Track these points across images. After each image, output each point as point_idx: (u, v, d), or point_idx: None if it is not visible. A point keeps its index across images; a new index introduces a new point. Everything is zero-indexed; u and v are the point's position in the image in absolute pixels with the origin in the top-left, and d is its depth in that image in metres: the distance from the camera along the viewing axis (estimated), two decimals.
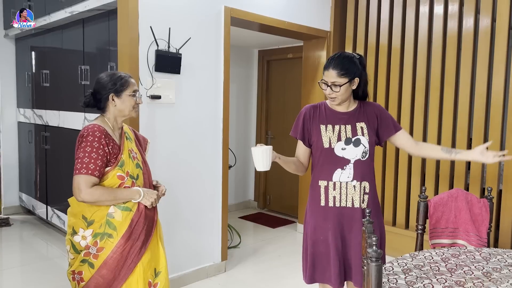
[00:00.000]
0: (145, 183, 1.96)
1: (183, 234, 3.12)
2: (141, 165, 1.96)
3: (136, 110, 1.96)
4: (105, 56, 3.34)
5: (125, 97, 1.90)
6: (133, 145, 1.97)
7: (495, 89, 3.21)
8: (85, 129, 1.82)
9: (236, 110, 5.37)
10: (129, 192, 1.85)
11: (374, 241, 1.21)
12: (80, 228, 1.83)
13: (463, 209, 2.00)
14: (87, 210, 1.83)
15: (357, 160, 1.92)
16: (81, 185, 1.76)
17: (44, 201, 4.38)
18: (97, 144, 1.78)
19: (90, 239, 1.81)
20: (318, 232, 1.97)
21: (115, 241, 1.81)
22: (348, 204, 1.93)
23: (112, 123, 1.91)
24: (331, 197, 1.94)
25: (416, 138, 3.61)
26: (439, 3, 3.47)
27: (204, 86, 3.18)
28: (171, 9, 2.92)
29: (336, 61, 1.88)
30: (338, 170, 1.93)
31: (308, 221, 2.03)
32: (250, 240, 4.28)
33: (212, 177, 3.30)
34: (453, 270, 1.59)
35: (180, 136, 3.06)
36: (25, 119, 4.72)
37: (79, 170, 1.77)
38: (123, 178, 1.85)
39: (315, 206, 1.99)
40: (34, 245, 3.98)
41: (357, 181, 1.92)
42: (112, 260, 1.80)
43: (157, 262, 1.97)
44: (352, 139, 1.93)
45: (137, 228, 1.86)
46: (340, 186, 1.93)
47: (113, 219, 1.81)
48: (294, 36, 4.09)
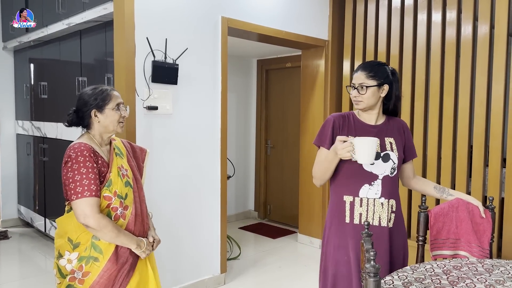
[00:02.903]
0: (135, 201, 1.85)
1: (181, 246, 3.08)
2: (131, 182, 1.85)
3: (122, 125, 1.86)
4: (102, 68, 3.33)
5: (108, 111, 1.80)
6: (124, 161, 1.87)
7: (495, 96, 3.19)
8: (72, 150, 1.72)
9: (236, 119, 5.35)
10: (131, 239, 1.77)
11: (372, 256, 1.18)
12: (66, 250, 1.74)
13: (465, 219, 1.96)
14: (73, 231, 1.74)
15: (385, 176, 1.82)
16: (87, 209, 1.66)
17: (43, 213, 4.35)
18: (90, 164, 1.70)
19: (76, 262, 1.71)
20: (341, 251, 1.82)
21: (102, 265, 1.71)
22: (375, 223, 1.81)
23: (98, 140, 1.82)
24: (357, 214, 1.81)
25: (416, 146, 3.57)
26: (437, 11, 3.46)
27: (201, 96, 3.16)
28: (168, 20, 2.92)
29: (366, 64, 1.85)
30: (365, 186, 1.81)
31: (330, 239, 1.87)
32: (250, 251, 4.23)
33: (210, 188, 3.26)
34: (455, 283, 1.55)
35: (178, 147, 3.04)
36: (23, 131, 4.71)
37: (81, 193, 1.66)
38: (110, 198, 1.75)
39: (339, 223, 1.84)
40: (33, 258, 3.94)
41: (385, 199, 1.82)
42: (99, 286, 1.71)
43: (146, 284, 1.87)
44: (381, 154, 1.83)
45: (124, 250, 1.77)
46: (367, 202, 1.81)
47: (99, 241, 1.72)
48: (292, 45, 4.08)
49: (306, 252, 4.23)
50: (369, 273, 1.17)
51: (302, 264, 3.89)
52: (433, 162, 3.50)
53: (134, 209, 1.84)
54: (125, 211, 1.81)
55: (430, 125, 3.53)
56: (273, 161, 5.39)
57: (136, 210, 1.85)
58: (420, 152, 3.58)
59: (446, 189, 2.01)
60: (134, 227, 1.83)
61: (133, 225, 1.83)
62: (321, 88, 4.18)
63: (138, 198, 1.88)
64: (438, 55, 3.47)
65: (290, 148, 5.13)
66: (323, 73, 4.16)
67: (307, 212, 4.38)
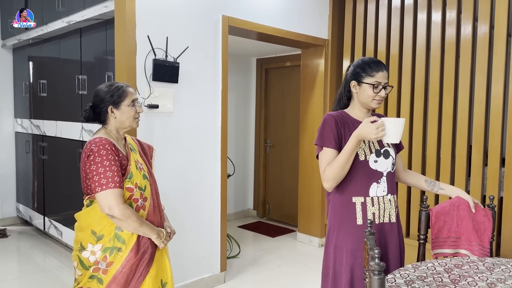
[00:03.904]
0: (152, 193, 1.93)
1: (181, 245, 3.08)
2: (148, 175, 1.93)
3: (138, 120, 1.93)
4: (102, 66, 3.33)
5: (124, 108, 1.87)
6: (138, 156, 1.95)
7: (494, 96, 3.20)
8: (93, 143, 1.77)
9: (235, 118, 5.35)
10: (152, 229, 1.84)
11: (376, 254, 1.19)
12: (88, 243, 1.79)
13: (465, 218, 1.97)
14: (96, 224, 1.79)
15: (388, 172, 1.83)
16: (112, 200, 1.71)
17: (42, 212, 4.34)
18: (112, 157, 1.75)
19: (100, 254, 1.77)
20: (356, 255, 1.77)
21: (124, 254, 1.78)
22: (386, 220, 1.81)
23: (115, 134, 1.89)
24: (370, 214, 1.79)
25: (415, 145, 3.60)
26: (437, 11, 3.47)
27: (202, 95, 3.16)
28: (169, 18, 2.92)
29: (382, 62, 1.83)
30: (374, 184, 1.80)
31: (341, 245, 1.80)
32: (249, 250, 4.24)
33: (210, 186, 3.27)
34: (457, 281, 1.56)
35: (178, 146, 3.04)
36: (22, 129, 4.70)
37: (106, 185, 1.71)
38: (132, 190, 1.82)
39: (350, 227, 1.79)
40: (32, 257, 3.93)
41: (391, 195, 1.83)
42: (122, 275, 1.77)
43: (164, 273, 1.94)
44: (381, 151, 1.83)
45: (145, 240, 1.84)
46: (378, 201, 1.80)
47: (122, 232, 1.79)
48: (292, 44, 4.08)
49: (305, 251, 4.24)
50: (373, 271, 1.18)
51: (301, 262, 3.90)
52: (432, 161, 3.51)
53: (152, 201, 1.91)
54: (145, 202, 1.88)
55: (429, 125, 3.55)
56: (272, 160, 5.39)
57: (153, 202, 1.92)
58: (420, 151, 3.59)
59: (437, 183, 2.00)
60: (153, 218, 1.90)
61: (152, 216, 1.90)
62: (321, 87, 4.18)
63: (154, 191, 1.95)
64: (438, 55, 3.48)
65: (290, 147, 5.13)
66: (323, 73, 4.16)
67: (306, 211, 4.39)
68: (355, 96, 1.87)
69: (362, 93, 1.83)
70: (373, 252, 1.20)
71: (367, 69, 1.81)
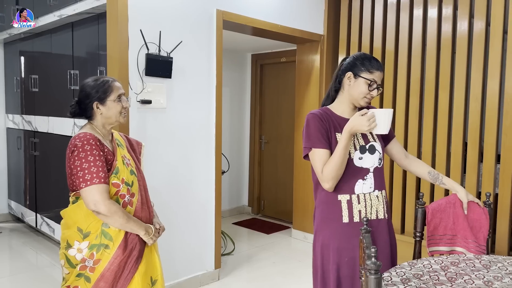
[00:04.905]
0: (140, 189, 1.89)
1: (175, 242, 3.05)
2: (135, 171, 1.89)
3: (124, 115, 1.89)
4: (94, 61, 3.27)
5: (110, 103, 1.82)
6: (125, 151, 1.91)
7: (490, 92, 3.19)
8: (77, 138, 1.73)
9: (230, 114, 5.32)
10: (140, 225, 1.80)
11: (373, 253, 1.16)
12: (75, 240, 1.75)
13: (461, 215, 1.95)
14: (82, 221, 1.75)
15: (375, 168, 1.79)
16: (97, 196, 1.67)
17: (34, 208, 4.29)
18: (96, 152, 1.71)
19: (86, 251, 1.74)
20: (343, 253, 1.75)
21: (112, 251, 1.74)
22: (373, 217, 1.78)
23: (101, 130, 1.85)
24: (356, 211, 1.76)
25: (411, 141, 3.59)
26: (433, 6, 3.45)
27: (196, 90, 3.12)
28: (162, 12, 2.87)
29: (378, 60, 1.79)
30: (359, 181, 1.77)
31: (326, 243, 1.79)
32: (244, 246, 4.21)
33: (204, 183, 3.23)
34: (453, 279, 1.54)
35: (172, 142, 3.00)
36: (14, 125, 4.63)
37: (90, 180, 1.68)
38: (118, 185, 1.79)
39: (336, 225, 1.77)
40: (24, 254, 3.88)
41: (378, 191, 1.79)
42: (110, 272, 1.73)
43: (153, 270, 1.91)
44: (366, 146, 1.79)
45: (133, 237, 1.80)
46: (365, 198, 1.77)
47: (109, 229, 1.75)
48: (287, 39, 4.05)
49: (300, 248, 4.22)
50: (370, 270, 1.15)
51: (296, 259, 3.88)
52: (427, 158, 3.50)
53: (140, 197, 1.88)
54: (132, 198, 1.84)
55: (425, 121, 3.53)
56: (267, 157, 5.36)
57: (141, 198, 1.89)
58: (415, 148, 3.58)
59: (440, 177, 1.96)
60: (141, 214, 1.87)
61: (140, 212, 1.87)
62: (316, 83, 4.15)
63: (142, 187, 1.92)
64: (434, 51, 3.46)
65: (284, 143, 5.10)
66: (318, 68, 4.13)
67: (301, 208, 4.37)
68: (346, 89, 1.81)
69: (356, 87, 1.78)
70: (370, 250, 1.17)
71: (367, 64, 1.76)
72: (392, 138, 1.98)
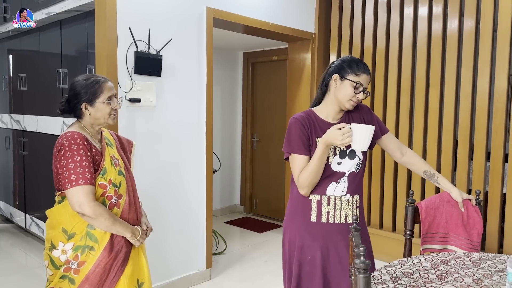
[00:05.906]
0: (128, 190, 1.85)
1: (165, 242, 3.02)
2: (124, 172, 1.85)
3: (114, 117, 1.83)
4: (83, 59, 3.24)
5: (99, 105, 1.76)
6: (115, 151, 1.87)
7: (480, 91, 3.20)
8: (64, 137, 1.69)
9: (221, 113, 5.29)
10: (126, 227, 1.76)
11: (362, 252, 1.15)
12: (59, 241, 1.72)
13: (454, 213, 1.96)
14: (67, 221, 1.71)
15: (351, 172, 1.80)
16: (82, 197, 1.64)
17: (23, 209, 4.24)
18: (83, 152, 1.67)
19: (71, 253, 1.70)
20: (306, 251, 1.79)
21: (97, 254, 1.70)
22: (342, 220, 1.78)
23: (90, 129, 1.80)
24: (324, 212, 1.77)
25: (402, 139, 3.59)
26: (424, 5, 3.46)
27: (186, 88, 3.09)
28: (151, 9, 2.84)
29: (366, 65, 1.80)
30: (332, 184, 1.78)
31: (292, 239, 1.83)
32: (236, 246, 4.20)
33: (195, 182, 3.21)
34: (443, 277, 1.54)
35: (162, 141, 2.97)
36: (2, 125, 4.57)
37: (76, 181, 1.64)
38: (105, 187, 1.75)
39: (304, 223, 1.80)
40: (13, 255, 3.83)
41: (350, 195, 1.80)
42: (95, 275, 1.70)
43: (140, 272, 1.87)
44: (346, 152, 1.78)
45: (119, 239, 1.77)
46: (335, 200, 1.78)
47: (94, 230, 1.71)
48: (279, 38, 4.03)
49: None
50: (359, 269, 1.14)
51: None
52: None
53: (127, 198, 1.84)
54: (119, 199, 1.80)
55: (415, 119, 3.54)
56: (259, 155, 5.35)
57: (129, 199, 1.85)
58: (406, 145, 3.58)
59: (435, 176, 1.95)
60: (128, 215, 1.83)
61: (127, 213, 1.83)
62: (308, 81, 4.15)
63: (130, 188, 1.88)
64: (424, 49, 3.47)
65: (276, 142, 5.09)
66: (310, 67, 4.13)
67: None
68: (333, 91, 1.81)
69: (342, 89, 1.78)
70: (359, 249, 1.17)
71: (354, 67, 1.77)
72: (384, 134, 1.96)
